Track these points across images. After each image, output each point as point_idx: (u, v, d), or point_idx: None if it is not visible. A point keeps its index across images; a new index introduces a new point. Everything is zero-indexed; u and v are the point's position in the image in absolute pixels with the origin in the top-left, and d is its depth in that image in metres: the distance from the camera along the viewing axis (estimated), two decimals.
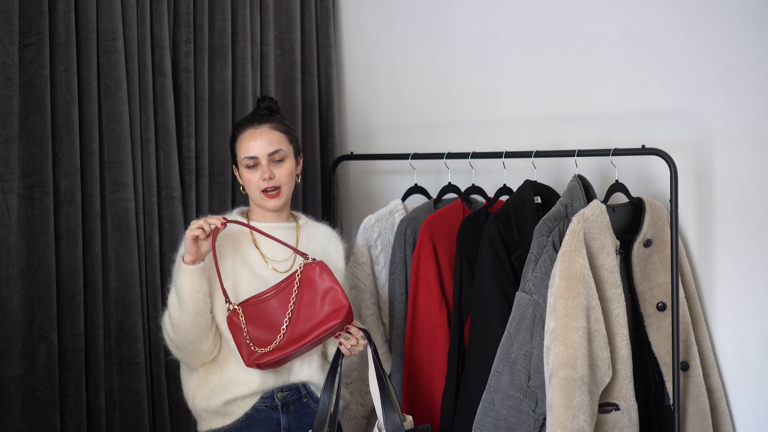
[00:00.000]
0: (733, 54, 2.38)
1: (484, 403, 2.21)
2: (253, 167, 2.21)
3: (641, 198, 2.38)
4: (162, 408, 2.55)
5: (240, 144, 2.24)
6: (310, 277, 2.10)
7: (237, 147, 2.24)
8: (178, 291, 2.08)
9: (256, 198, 2.23)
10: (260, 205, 2.24)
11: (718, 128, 2.41)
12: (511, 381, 2.19)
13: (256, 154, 2.20)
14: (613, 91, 2.59)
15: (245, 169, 2.22)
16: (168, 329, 2.13)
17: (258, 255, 2.21)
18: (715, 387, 2.40)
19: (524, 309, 2.21)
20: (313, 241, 2.32)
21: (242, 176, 2.25)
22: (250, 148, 2.21)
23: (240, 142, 2.24)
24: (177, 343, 2.12)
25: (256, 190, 2.22)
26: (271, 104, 2.30)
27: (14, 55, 2.22)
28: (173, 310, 2.09)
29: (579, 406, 2.08)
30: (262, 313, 2.09)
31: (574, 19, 2.66)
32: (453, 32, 2.94)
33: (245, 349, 2.07)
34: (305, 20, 3.08)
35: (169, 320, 2.12)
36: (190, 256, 2.06)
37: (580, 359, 2.10)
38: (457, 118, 2.94)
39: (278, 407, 2.17)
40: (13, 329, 2.22)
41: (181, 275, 2.07)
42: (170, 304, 2.11)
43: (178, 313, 2.08)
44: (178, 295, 2.08)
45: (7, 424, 2.20)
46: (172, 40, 2.65)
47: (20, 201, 2.26)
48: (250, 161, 2.21)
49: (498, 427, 2.19)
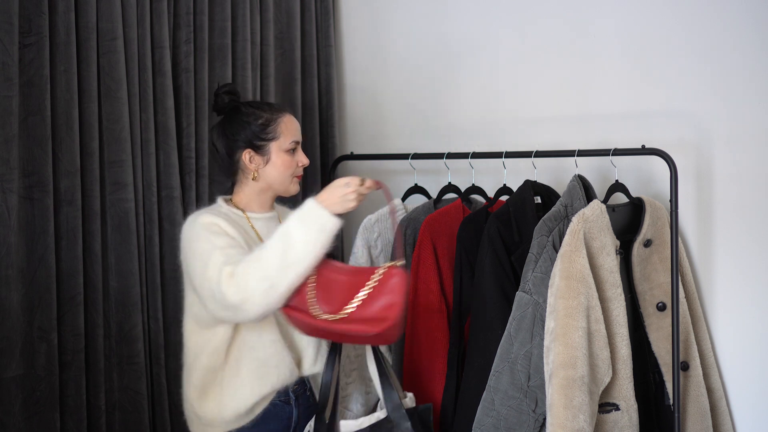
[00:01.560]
0: (733, 54, 2.38)
1: (484, 403, 2.21)
2: (293, 151, 2.16)
3: (641, 198, 2.38)
4: (162, 408, 2.55)
5: (285, 126, 2.15)
6: (387, 279, 1.97)
7: (279, 129, 2.14)
8: (311, 245, 1.91)
9: (286, 182, 2.16)
10: (286, 189, 2.18)
11: (718, 128, 2.41)
12: (511, 381, 2.19)
13: (299, 139, 2.17)
14: (613, 91, 2.59)
15: (285, 153, 2.14)
16: (256, 285, 1.91)
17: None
18: (715, 387, 2.40)
19: (524, 309, 2.21)
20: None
21: (278, 160, 2.14)
22: (296, 131, 2.16)
23: (285, 124, 2.15)
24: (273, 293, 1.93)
25: (290, 175, 2.16)
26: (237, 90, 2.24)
27: (14, 55, 2.22)
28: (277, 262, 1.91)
29: (579, 406, 2.08)
30: (327, 281, 2.00)
31: (574, 19, 2.66)
32: (453, 32, 2.94)
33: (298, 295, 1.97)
34: (305, 20, 3.08)
35: (263, 277, 1.91)
36: (343, 210, 1.95)
37: (580, 359, 2.10)
38: (457, 118, 2.94)
39: (291, 401, 2.16)
40: (13, 329, 2.22)
41: (327, 229, 1.92)
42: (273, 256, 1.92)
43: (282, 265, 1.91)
44: (304, 250, 1.91)
45: (7, 424, 2.20)
46: (172, 40, 2.65)
47: (20, 201, 2.26)
48: (295, 145, 2.16)
49: (498, 427, 2.19)
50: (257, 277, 1.91)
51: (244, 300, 1.92)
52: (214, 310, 1.98)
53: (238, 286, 1.92)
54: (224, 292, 1.92)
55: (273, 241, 1.94)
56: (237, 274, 1.92)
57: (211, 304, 1.97)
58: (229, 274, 1.93)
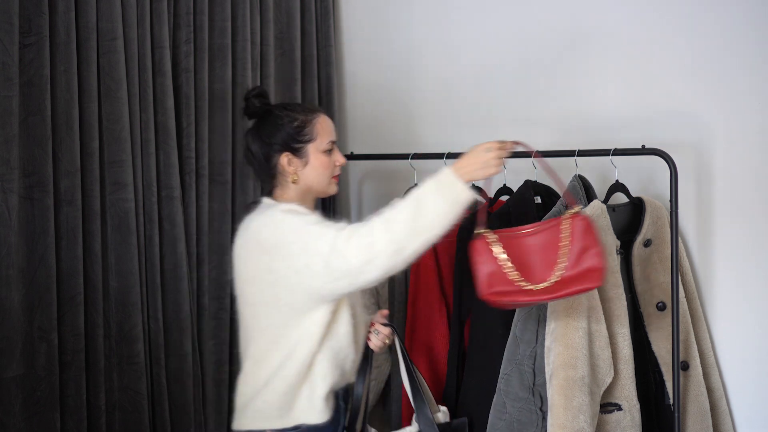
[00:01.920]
0: (733, 54, 2.38)
1: (496, 406, 2.20)
2: (330, 151, 2.13)
3: (641, 198, 2.38)
4: (162, 408, 2.55)
5: (320, 127, 2.12)
6: (575, 228, 1.96)
7: (315, 130, 2.11)
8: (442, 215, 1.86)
9: (325, 183, 2.13)
10: (324, 190, 2.15)
11: (718, 128, 2.41)
12: (520, 382, 2.19)
13: (335, 138, 2.15)
14: (613, 91, 2.59)
15: (323, 153, 2.11)
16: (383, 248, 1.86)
17: None
18: (715, 387, 2.40)
19: (528, 309, 2.21)
20: None
21: (316, 161, 2.10)
22: (332, 130, 2.14)
23: (320, 124, 2.12)
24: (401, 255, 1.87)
25: (329, 175, 2.13)
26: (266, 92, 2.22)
27: (14, 55, 2.22)
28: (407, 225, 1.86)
29: (579, 407, 2.07)
30: (518, 249, 1.97)
31: (574, 18, 2.66)
32: (453, 32, 2.94)
33: (497, 279, 1.95)
34: (305, 20, 3.08)
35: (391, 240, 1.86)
36: (484, 176, 1.90)
37: (580, 360, 2.10)
38: (457, 118, 2.94)
39: (341, 409, 2.09)
40: (13, 329, 2.22)
41: (460, 201, 1.85)
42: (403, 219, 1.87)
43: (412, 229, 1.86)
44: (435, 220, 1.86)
45: (7, 424, 2.20)
46: (172, 40, 2.65)
47: (20, 201, 2.26)
48: (331, 145, 2.12)
49: (512, 429, 2.18)
50: (385, 240, 1.86)
51: (368, 261, 1.86)
52: (328, 281, 1.91)
53: (361, 248, 1.86)
54: (346, 256, 1.87)
55: (404, 206, 1.88)
56: (360, 235, 1.87)
57: (325, 276, 1.90)
58: (346, 237, 1.88)
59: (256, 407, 2.04)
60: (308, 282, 1.94)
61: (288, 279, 1.96)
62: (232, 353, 2.80)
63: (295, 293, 1.97)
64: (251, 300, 2.04)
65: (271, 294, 2.00)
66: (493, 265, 1.96)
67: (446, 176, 1.90)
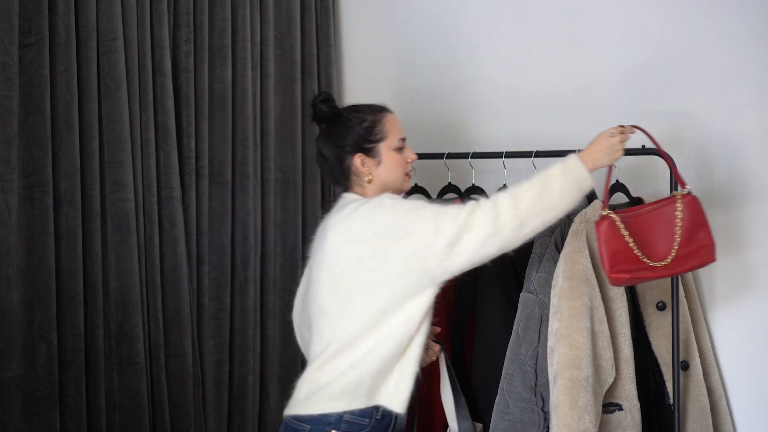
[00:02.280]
0: (732, 55, 2.39)
1: (499, 406, 2.20)
2: (402, 149, 2.15)
3: (641, 198, 2.38)
4: (162, 408, 2.55)
5: (390, 125, 2.14)
6: (688, 207, 2.08)
7: (385, 129, 2.13)
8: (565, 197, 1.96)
9: (399, 180, 2.16)
10: (400, 187, 2.16)
11: (718, 128, 2.42)
12: (523, 382, 2.19)
13: (405, 135, 2.17)
14: (613, 91, 2.59)
15: (395, 151, 2.13)
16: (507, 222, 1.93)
17: None
18: (715, 386, 2.40)
19: (530, 309, 2.21)
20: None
21: (389, 159, 2.13)
22: (401, 128, 2.16)
23: (389, 123, 2.14)
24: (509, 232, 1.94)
25: (402, 172, 2.16)
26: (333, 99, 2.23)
27: (14, 55, 2.22)
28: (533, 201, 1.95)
29: (584, 407, 2.08)
30: (640, 227, 2.07)
31: (574, 18, 2.66)
32: (453, 32, 2.94)
33: (623, 258, 2.03)
34: (305, 20, 3.07)
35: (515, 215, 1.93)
36: (610, 161, 2.02)
37: (584, 360, 2.10)
38: (457, 117, 2.94)
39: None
40: (13, 329, 2.22)
41: (584, 188, 1.97)
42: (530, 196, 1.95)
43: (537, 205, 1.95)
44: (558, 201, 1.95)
45: (7, 424, 2.20)
46: (172, 40, 2.65)
47: (20, 201, 2.26)
48: (402, 142, 2.15)
49: (515, 429, 2.18)
50: (510, 214, 1.93)
51: (493, 233, 1.93)
52: (446, 258, 1.94)
53: (486, 221, 1.93)
54: (472, 229, 1.92)
55: (530, 185, 1.96)
56: (486, 208, 1.94)
57: (443, 253, 1.94)
58: (470, 211, 1.94)
59: (334, 390, 2.02)
60: (423, 262, 1.95)
61: (402, 260, 1.96)
62: (232, 353, 2.81)
63: (408, 274, 1.97)
64: (347, 287, 2.02)
65: (373, 278, 1.99)
66: (620, 243, 2.03)
67: (573, 162, 1.99)
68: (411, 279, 1.98)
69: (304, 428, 2.02)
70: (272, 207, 2.92)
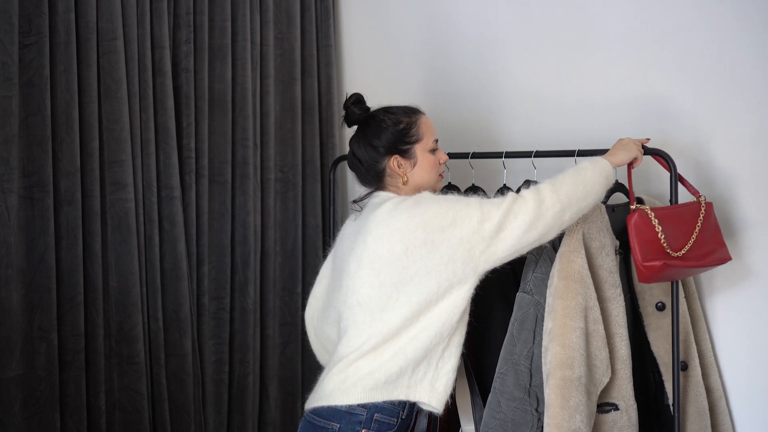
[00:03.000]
0: (733, 54, 2.39)
1: (491, 405, 2.20)
2: (435, 150, 2.18)
3: (641, 198, 2.38)
4: (162, 408, 2.55)
5: (424, 127, 2.16)
6: (710, 211, 2.24)
7: (420, 131, 2.15)
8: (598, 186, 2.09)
9: (434, 181, 2.18)
10: (433, 187, 2.18)
11: (718, 128, 2.41)
12: (516, 382, 2.19)
13: (437, 137, 2.20)
14: (613, 90, 2.59)
15: (428, 153, 2.16)
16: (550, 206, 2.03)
17: None
18: (715, 387, 2.40)
19: (526, 309, 2.21)
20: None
21: (424, 161, 2.15)
22: (434, 130, 2.18)
23: (423, 125, 2.16)
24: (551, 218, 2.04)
25: (437, 173, 2.19)
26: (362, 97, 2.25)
27: (14, 55, 2.22)
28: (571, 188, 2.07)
29: (576, 407, 2.08)
30: (669, 220, 2.18)
31: (574, 18, 2.66)
32: (452, 32, 2.94)
33: (653, 248, 2.14)
34: (305, 20, 3.08)
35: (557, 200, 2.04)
36: (627, 158, 2.16)
37: (577, 359, 2.10)
38: (457, 118, 2.94)
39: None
40: (13, 329, 2.23)
41: (610, 180, 2.11)
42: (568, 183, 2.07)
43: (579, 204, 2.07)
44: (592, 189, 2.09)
45: (7, 424, 2.20)
46: (172, 40, 2.65)
47: (20, 201, 2.26)
48: (436, 144, 2.17)
49: (506, 429, 2.18)
50: (553, 199, 2.03)
51: (537, 217, 2.02)
52: (491, 244, 2.01)
53: (529, 205, 2.02)
54: (517, 213, 2.01)
55: (567, 174, 2.09)
56: (528, 194, 2.03)
57: (490, 239, 2.01)
58: (513, 198, 2.03)
59: (378, 379, 2.02)
60: (470, 249, 2.00)
61: (450, 249, 2.00)
62: (232, 353, 2.81)
63: (454, 263, 2.01)
64: (392, 279, 2.03)
65: (420, 268, 2.01)
66: (651, 234, 2.14)
67: (598, 158, 2.14)
68: (456, 267, 2.01)
69: (333, 427, 2.01)
70: (272, 207, 2.93)
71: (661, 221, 2.16)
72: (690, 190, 2.26)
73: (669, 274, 2.18)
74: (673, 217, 2.19)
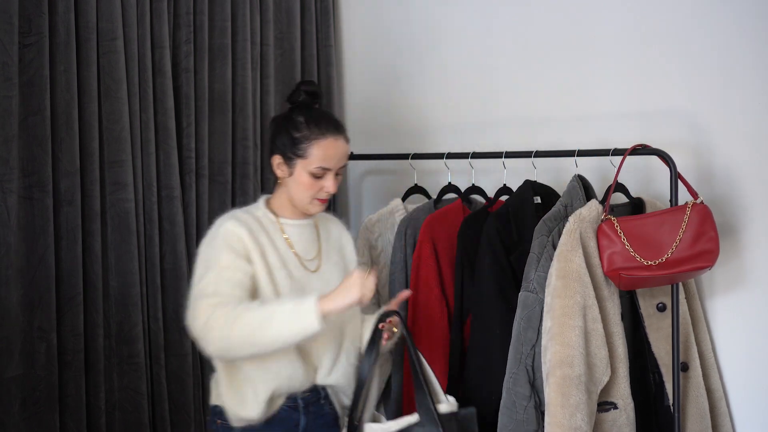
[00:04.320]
0: (733, 53, 2.38)
1: (507, 405, 2.19)
2: (320, 177, 2.09)
3: (641, 198, 2.38)
4: (162, 408, 2.55)
5: (317, 150, 2.07)
6: (695, 214, 2.21)
7: (310, 150, 2.07)
8: (285, 335, 1.92)
9: (304, 202, 2.11)
10: (303, 208, 2.13)
11: (718, 128, 2.41)
12: (526, 380, 2.20)
13: (331, 166, 2.09)
14: (613, 91, 2.59)
15: (309, 175, 2.07)
16: (217, 339, 1.93)
17: (292, 254, 2.13)
18: (715, 388, 2.40)
19: (531, 308, 2.21)
20: (331, 234, 2.25)
21: (299, 179, 2.09)
22: (329, 158, 2.08)
23: (318, 147, 2.07)
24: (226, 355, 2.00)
25: (310, 196, 2.10)
26: (320, 94, 2.20)
27: (14, 55, 2.22)
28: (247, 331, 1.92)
29: (576, 405, 2.08)
30: (639, 230, 2.20)
31: (573, 19, 2.66)
32: (452, 32, 2.94)
33: (619, 258, 2.17)
34: (305, 20, 3.08)
35: (225, 337, 1.93)
36: (337, 308, 1.93)
37: (576, 358, 2.10)
38: (457, 118, 2.94)
39: (299, 408, 2.12)
40: (13, 329, 2.22)
41: (307, 334, 1.92)
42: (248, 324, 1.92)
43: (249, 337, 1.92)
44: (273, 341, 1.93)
45: (6, 423, 2.20)
46: (172, 40, 2.65)
47: (20, 201, 2.26)
48: (321, 171, 2.08)
49: (520, 428, 2.18)
50: (219, 336, 1.92)
51: (201, 339, 1.95)
52: (188, 322, 1.99)
53: (201, 326, 1.94)
54: (194, 317, 1.96)
55: (255, 316, 1.92)
56: (210, 316, 1.93)
57: (188, 316, 2.00)
58: (205, 306, 1.95)
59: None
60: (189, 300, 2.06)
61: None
62: None
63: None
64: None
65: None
66: (618, 245, 2.17)
67: (308, 308, 1.92)
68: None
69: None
70: None
71: (633, 231, 2.19)
72: (690, 191, 2.25)
73: (645, 281, 2.19)
74: (650, 225, 2.20)
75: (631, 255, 2.16)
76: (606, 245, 2.18)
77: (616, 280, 2.18)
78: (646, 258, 2.16)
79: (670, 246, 2.17)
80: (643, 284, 2.20)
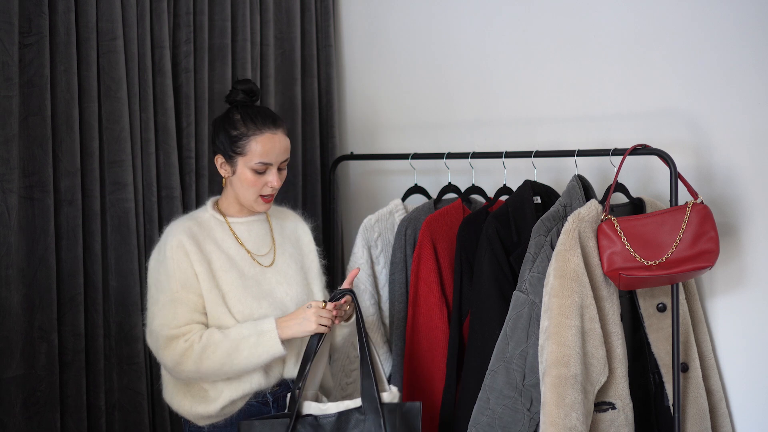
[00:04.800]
0: (733, 53, 2.38)
1: (480, 402, 2.21)
2: (262, 173, 2.11)
3: (641, 198, 2.38)
4: (162, 408, 2.55)
5: (255, 146, 2.09)
6: (696, 215, 2.21)
7: (249, 147, 2.09)
8: (253, 362, 2.03)
9: (250, 200, 2.14)
10: (249, 206, 2.15)
11: (718, 128, 2.41)
12: (507, 380, 2.19)
13: (271, 161, 2.11)
14: (613, 91, 2.59)
15: (251, 171, 2.10)
16: (190, 369, 2.03)
17: (244, 252, 2.16)
18: (715, 388, 2.40)
19: (520, 308, 2.21)
20: (285, 227, 2.28)
21: (242, 176, 2.11)
22: (267, 153, 2.10)
23: (256, 143, 2.09)
24: (188, 375, 2.06)
25: (254, 194, 2.13)
26: (257, 92, 2.21)
27: (14, 55, 2.22)
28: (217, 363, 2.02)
29: (571, 405, 2.08)
30: (640, 230, 2.21)
31: (573, 18, 2.66)
32: (453, 32, 2.94)
33: (619, 258, 2.18)
34: (305, 20, 3.08)
35: (196, 367, 2.02)
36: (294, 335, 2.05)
37: (573, 358, 2.10)
38: (457, 118, 2.94)
39: (269, 403, 2.15)
40: (14, 329, 2.23)
41: (273, 356, 2.04)
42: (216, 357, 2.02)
43: (220, 369, 2.04)
44: (244, 365, 2.03)
45: (7, 424, 2.20)
46: (172, 40, 2.65)
47: (20, 201, 2.26)
48: (261, 167, 2.10)
49: (493, 426, 2.19)
50: (189, 370, 2.03)
51: (173, 369, 2.05)
52: (149, 343, 2.10)
53: (171, 365, 2.04)
54: (161, 353, 2.05)
55: (223, 348, 2.02)
56: (178, 360, 2.02)
57: (148, 337, 2.09)
58: (168, 339, 2.04)
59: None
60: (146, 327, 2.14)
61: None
62: None
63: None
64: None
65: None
66: (618, 245, 2.18)
67: (268, 329, 2.04)
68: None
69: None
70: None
71: (633, 230, 2.20)
72: (690, 191, 2.26)
73: (645, 281, 2.19)
74: (650, 225, 2.21)
75: (631, 255, 2.16)
76: (606, 245, 2.19)
77: (616, 280, 2.19)
78: (646, 258, 2.17)
79: (670, 246, 2.18)
80: (643, 284, 2.20)
